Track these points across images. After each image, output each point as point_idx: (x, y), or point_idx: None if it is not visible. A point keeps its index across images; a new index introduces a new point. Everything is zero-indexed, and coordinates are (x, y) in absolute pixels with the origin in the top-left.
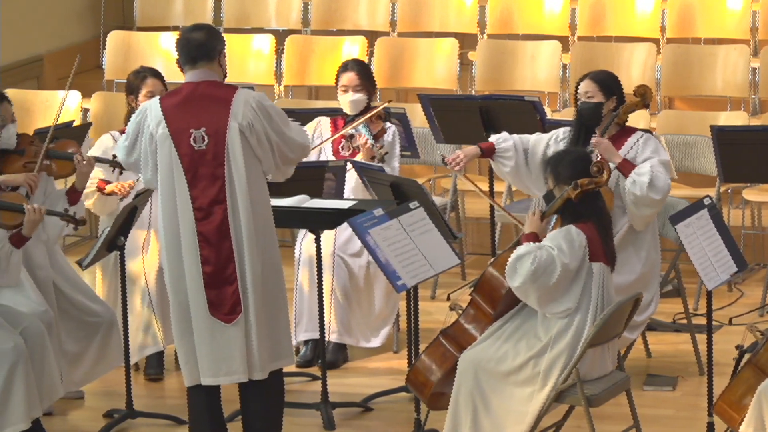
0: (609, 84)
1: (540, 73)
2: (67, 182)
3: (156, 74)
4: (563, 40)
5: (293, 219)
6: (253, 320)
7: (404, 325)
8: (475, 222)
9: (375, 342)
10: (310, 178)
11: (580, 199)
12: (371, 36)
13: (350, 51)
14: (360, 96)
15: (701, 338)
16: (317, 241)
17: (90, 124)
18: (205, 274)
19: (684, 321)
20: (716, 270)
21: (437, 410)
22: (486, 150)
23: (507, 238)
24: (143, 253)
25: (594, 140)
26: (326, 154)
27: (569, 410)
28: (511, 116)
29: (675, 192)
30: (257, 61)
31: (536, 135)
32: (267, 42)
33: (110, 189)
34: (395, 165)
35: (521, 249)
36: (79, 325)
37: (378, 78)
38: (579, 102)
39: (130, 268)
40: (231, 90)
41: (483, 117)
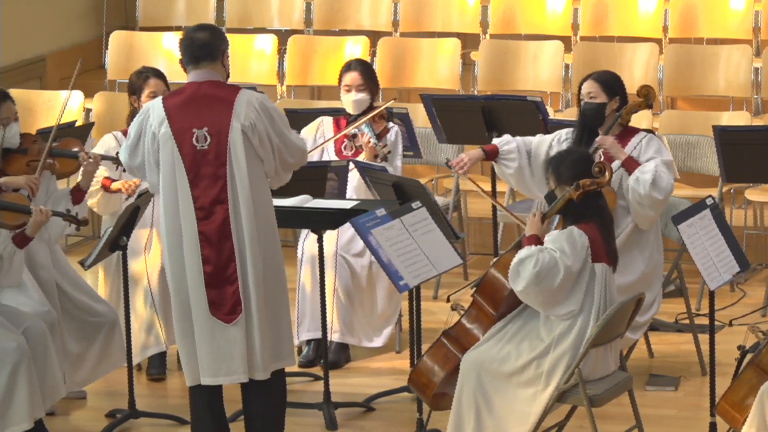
0: (612, 84)
1: (542, 73)
2: (69, 182)
3: (158, 74)
4: (566, 40)
5: (295, 219)
6: (255, 320)
7: (406, 325)
8: (478, 222)
9: (377, 342)
10: (313, 178)
11: (582, 200)
12: (374, 36)
13: (353, 51)
14: (363, 96)
15: (704, 338)
16: (320, 241)
17: (92, 124)
18: (206, 274)
19: (686, 321)
20: (719, 270)
21: (439, 410)
22: (489, 153)
23: (509, 238)
24: (145, 253)
25: (599, 138)
26: (329, 154)
27: (572, 410)
28: (514, 116)
29: (677, 192)
30: (260, 61)
31: (539, 137)
32: (269, 42)
33: (116, 186)
34: (398, 164)
35: (523, 252)
36: (82, 325)
37: (380, 78)
38: (582, 102)
39: (133, 268)
40: (234, 90)
41: (485, 117)
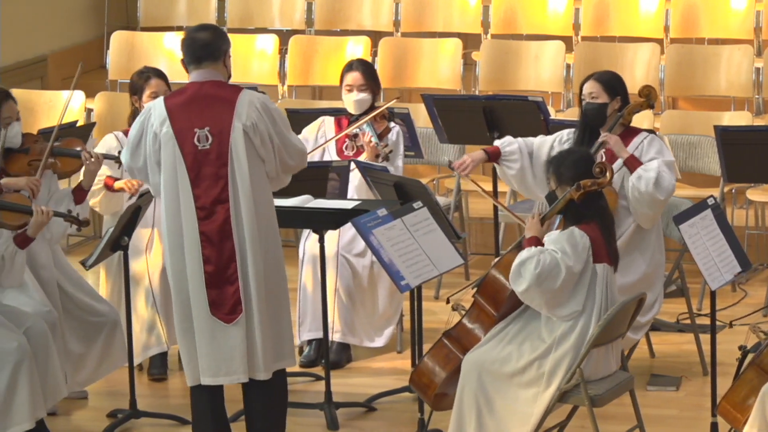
0: (613, 84)
1: (543, 73)
2: (71, 182)
3: (160, 74)
4: (567, 40)
5: (297, 219)
6: (255, 320)
7: (408, 325)
8: (479, 222)
9: (378, 342)
10: (314, 178)
11: (583, 200)
12: (375, 36)
13: (354, 51)
14: (364, 96)
15: (705, 338)
16: (321, 241)
17: (94, 124)
18: (207, 274)
19: (688, 321)
20: (720, 270)
21: (440, 411)
22: (491, 154)
23: (511, 238)
24: (147, 254)
25: (603, 135)
26: (330, 154)
27: (573, 410)
28: (515, 116)
29: (679, 192)
30: (261, 62)
31: (540, 137)
32: (270, 42)
33: (119, 185)
34: (399, 164)
35: (524, 254)
36: (83, 325)
37: (382, 78)
38: (583, 103)
39: (134, 269)
40: (236, 90)
41: (486, 117)
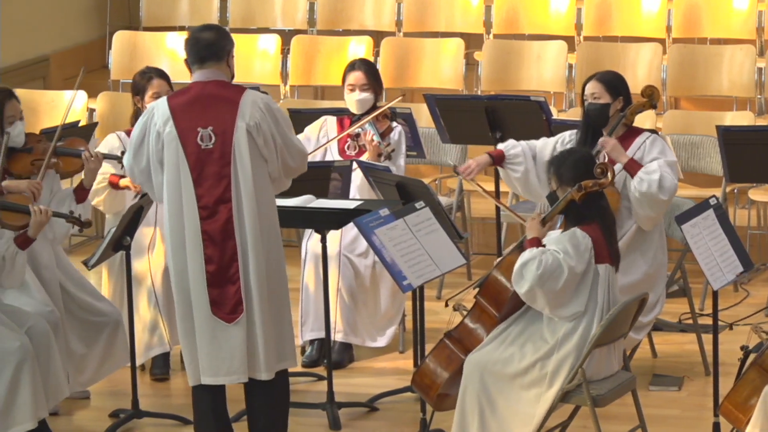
0: (616, 85)
1: (546, 73)
2: (73, 182)
3: (162, 75)
4: (569, 40)
5: (299, 219)
6: (257, 320)
7: (410, 325)
8: (481, 222)
9: (381, 342)
10: (316, 178)
11: (584, 201)
12: (377, 36)
13: (356, 51)
14: (367, 95)
15: (707, 338)
16: (323, 241)
17: (96, 124)
18: (208, 273)
19: (690, 321)
20: (722, 270)
21: (442, 411)
22: (496, 157)
23: (513, 238)
24: (149, 253)
25: (601, 140)
26: (332, 154)
27: (575, 410)
28: (517, 116)
29: (681, 192)
30: (263, 61)
31: (542, 140)
32: (273, 42)
33: (124, 183)
34: (401, 163)
35: (526, 255)
36: (85, 326)
37: (384, 78)
38: (586, 103)
39: (136, 268)
40: (239, 90)
41: (489, 117)
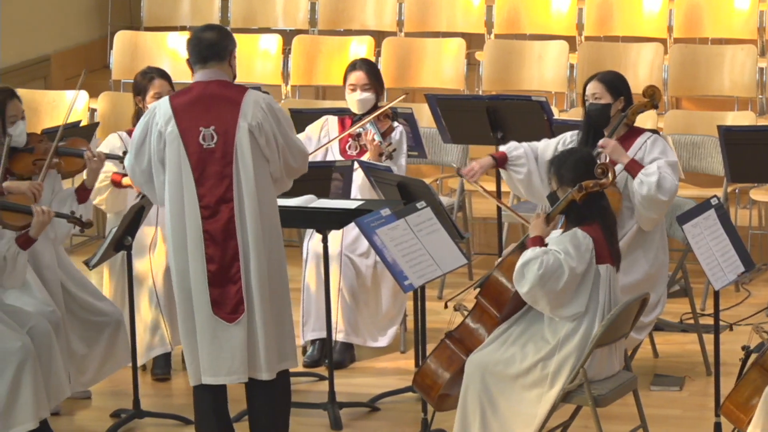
0: (617, 85)
1: (547, 73)
2: (74, 182)
3: (163, 75)
4: (570, 40)
5: (300, 219)
6: (258, 320)
7: (411, 325)
8: (482, 222)
9: (382, 342)
10: (318, 178)
11: (585, 201)
12: (378, 36)
13: (357, 51)
14: (368, 95)
15: (708, 338)
16: (324, 241)
17: (97, 124)
18: (210, 273)
19: (691, 321)
20: (723, 270)
21: (443, 411)
22: (499, 159)
23: (514, 238)
24: (150, 253)
25: (601, 142)
26: (333, 154)
27: (576, 410)
28: (518, 116)
29: (682, 192)
30: (264, 61)
31: (544, 141)
32: (274, 42)
33: (127, 182)
34: (402, 163)
35: (528, 254)
36: (86, 326)
37: (385, 78)
38: (587, 103)
39: (138, 268)
40: (241, 90)
41: (490, 117)
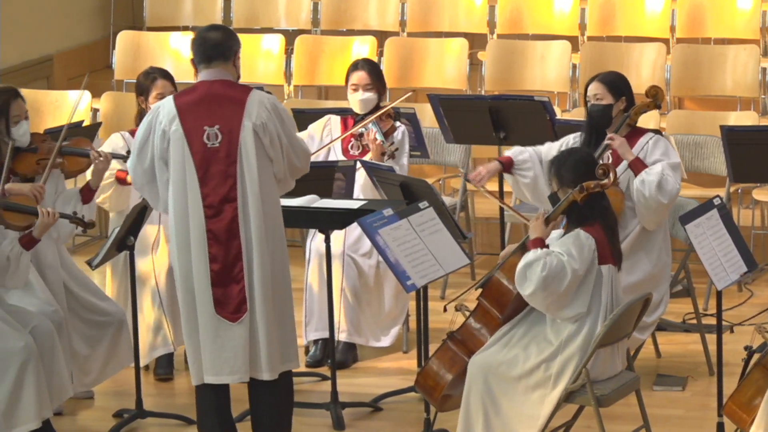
0: (618, 85)
1: (550, 73)
2: (77, 182)
3: (166, 75)
4: (573, 40)
5: (303, 219)
6: (260, 320)
7: (414, 325)
8: (485, 222)
9: (385, 342)
10: (320, 178)
11: (586, 202)
12: (381, 36)
13: (360, 51)
14: (370, 95)
15: (711, 338)
16: (327, 241)
17: (100, 124)
18: (213, 272)
19: (694, 321)
20: (726, 270)
21: (445, 411)
22: (506, 164)
23: (517, 238)
24: (153, 253)
25: (609, 135)
26: (336, 153)
27: (579, 410)
28: (521, 116)
29: (685, 192)
30: (267, 61)
31: (547, 144)
32: (276, 42)
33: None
34: (404, 162)
35: (530, 256)
36: (89, 326)
37: (388, 78)
38: (588, 104)
39: (140, 268)
40: (246, 90)
41: (492, 117)
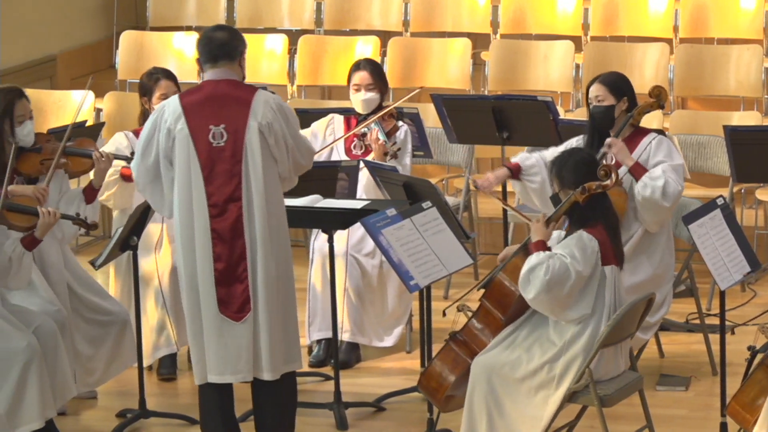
0: (619, 86)
1: (553, 73)
2: (80, 182)
3: (169, 75)
4: (576, 40)
5: (306, 219)
6: (263, 320)
7: (417, 325)
8: (488, 222)
9: (388, 341)
10: (323, 178)
11: (588, 203)
12: (384, 36)
13: (363, 51)
14: (372, 95)
15: (714, 338)
16: (330, 241)
17: (103, 124)
18: (217, 272)
19: (697, 321)
20: (729, 270)
21: (449, 412)
22: (514, 170)
23: (520, 238)
24: (156, 253)
25: (607, 141)
26: (339, 153)
27: (582, 410)
28: (524, 116)
29: (688, 192)
30: (270, 61)
31: (552, 149)
32: (280, 42)
33: None
34: (407, 162)
35: (533, 259)
36: (92, 326)
37: (391, 78)
38: (590, 106)
39: (144, 268)
40: (251, 90)
41: (496, 117)
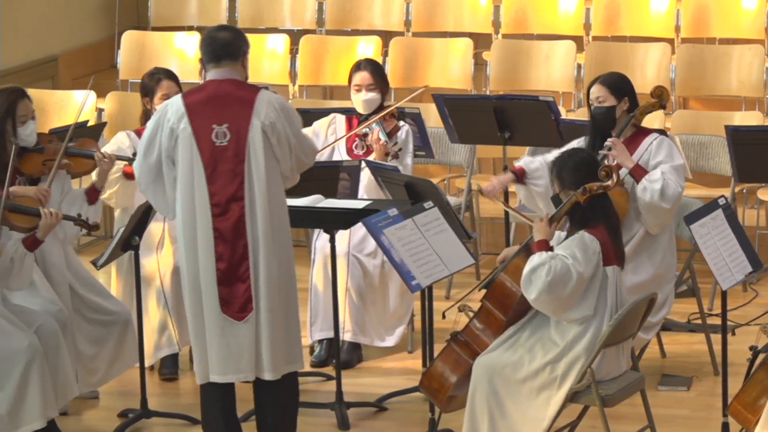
0: (620, 86)
1: (554, 73)
2: (82, 182)
3: (170, 76)
4: (578, 40)
5: (308, 219)
6: (264, 320)
7: (419, 325)
8: (490, 222)
9: (389, 341)
10: (325, 178)
11: (589, 203)
12: (386, 36)
13: (365, 51)
14: (373, 95)
15: (716, 338)
16: (332, 241)
17: (105, 124)
18: (219, 271)
19: (699, 321)
20: (731, 270)
21: (450, 412)
22: (519, 174)
23: (521, 238)
24: (157, 253)
25: (609, 141)
26: (340, 153)
27: (584, 410)
28: (526, 116)
29: (689, 192)
30: (272, 61)
31: (555, 152)
32: (281, 42)
33: None
34: (408, 162)
35: (535, 260)
36: (94, 326)
37: (392, 78)
38: (592, 107)
39: (145, 268)
40: (254, 90)
41: (497, 117)
